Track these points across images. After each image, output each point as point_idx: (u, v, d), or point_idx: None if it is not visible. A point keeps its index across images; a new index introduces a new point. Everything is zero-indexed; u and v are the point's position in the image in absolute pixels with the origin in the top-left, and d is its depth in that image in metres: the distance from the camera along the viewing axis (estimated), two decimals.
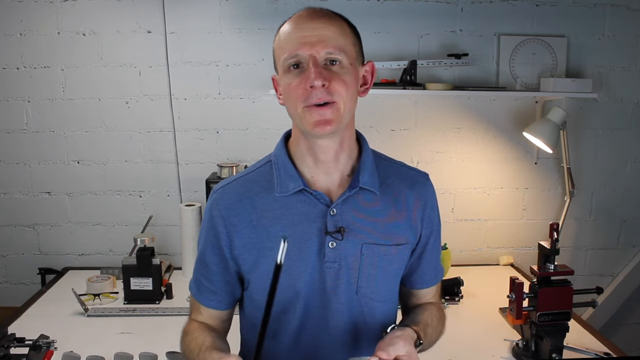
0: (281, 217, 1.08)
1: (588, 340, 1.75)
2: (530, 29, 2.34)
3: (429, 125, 2.38)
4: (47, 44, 2.25)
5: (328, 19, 1.03)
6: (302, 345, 1.11)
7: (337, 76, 1.00)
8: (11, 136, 2.31)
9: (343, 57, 1.01)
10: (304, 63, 1.01)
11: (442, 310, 1.26)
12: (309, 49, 1.00)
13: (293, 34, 1.02)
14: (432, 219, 1.19)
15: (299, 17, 1.04)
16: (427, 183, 1.19)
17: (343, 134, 1.08)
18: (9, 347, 1.40)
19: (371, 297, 1.11)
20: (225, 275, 1.13)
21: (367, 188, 1.09)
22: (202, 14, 2.26)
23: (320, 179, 1.10)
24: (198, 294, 1.16)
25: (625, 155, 2.48)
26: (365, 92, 1.11)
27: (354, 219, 1.08)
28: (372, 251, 1.09)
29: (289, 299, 1.08)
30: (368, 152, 1.14)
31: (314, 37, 1.00)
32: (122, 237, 2.36)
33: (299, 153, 1.10)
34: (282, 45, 1.04)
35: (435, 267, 1.23)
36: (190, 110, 2.32)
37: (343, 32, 1.03)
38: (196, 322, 1.16)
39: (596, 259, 2.54)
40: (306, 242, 1.07)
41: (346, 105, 1.02)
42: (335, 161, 1.09)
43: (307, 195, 1.08)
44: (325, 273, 1.08)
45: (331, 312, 1.10)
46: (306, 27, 1.01)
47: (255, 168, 1.15)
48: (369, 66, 1.11)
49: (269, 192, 1.09)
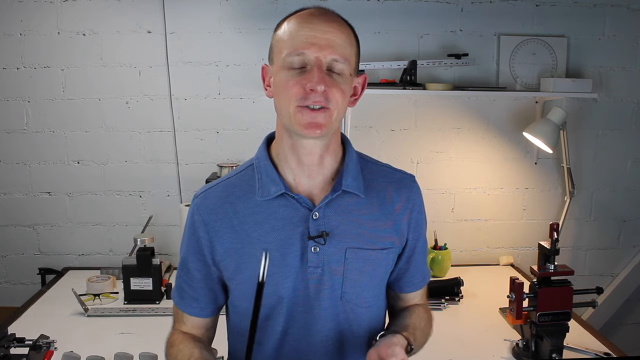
0: (263, 222, 1.06)
1: (588, 340, 1.75)
2: (530, 29, 2.34)
3: (429, 125, 2.38)
4: (47, 44, 2.25)
5: (339, 25, 1.01)
6: (286, 351, 1.09)
7: (337, 84, 0.99)
8: (11, 136, 2.31)
9: (345, 67, 1.00)
10: (307, 63, 0.99)
11: (429, 311, 1.23)
12: (316, 50, 0.98)
13: (301, 32, 0.99)
14: (419, 222, 1.16)
15: (310, 15, 1.01)
16: (414, 185, 1.16)
17: (330, 139, 1.06)
18: (9, 347, 1.40)
19: (356, 302, 1.09)
20: (207, 282, 1.11)
21: (351, 191, 1.07)
22: (202, 14, 2.26)
23: (303, 182, 1.08)
24: (180, 301, 1.14)
25: (625, 155, 2.48)
26: (354, 103, 1.09)
27: (338, 223, 1.06)
28: (357, 256, 1.07)
29: (272, 305, 1.07)
30: (352, 154, 1.12)
31: (323, 40, 0.98)
32: (122, 237, 2.36)
33: (281, 155, 1.08)
34: (286, 39, 1.01)
35: (423, 270, 1.20)
36: (190, 110, 2.32)
37: (350, 41, 1.02)
38: (181, 333, 1.13)
39: (596, 259, 2.54)
40: (289, 247, 1.05)
41: (339, 113, 1.01)
42: (320, 165, 1.07)
43: (289, 199, 1.06)
44: (308, 278, 1.06)
45: (315, 318, 1.08)
46: (317, 28, 0.99)
47: (237, 172, 1.13)
48: (362, 78, 1.09)
49: (251, 197, 1.07)
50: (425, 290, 1.25)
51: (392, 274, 1.17)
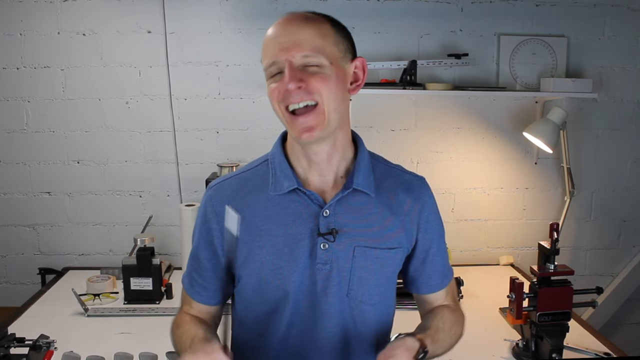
0: (273, 216, 1.08)
1: (588, 340, 1.75)
2: (530, 29, 2.34)
3: (429, 125, 2.38)
4: (47, 44, 2.25)
5: (304, 22, 1.02)
6: (291, 346, 1.11)
7: (315, 74, 1.00)
8: (11, 136, 2.31)
9: (321, 59, 1.00)
10: (282, 68, 1.01)
11: (458, 311, 1.23)
12: (284, 53, 1.00)
13: (272, 40, 1.02)
14: (431, 223, 1.17)
15: (277, 24, 1.04)
16: (424, 187, 1.18)
17: (335, 136, 1.07)
18: (9, 347, 1.41)
19: (362, 300, 1.10)
20: (217, 272, 1.14)
21: (361, 190, 1.09)
22: (202, 14, 2.26)
23: (315, 180, 1.10)
24: (190, 288, 1.17)
25: (625, 155, 2.48)
26: (356, 90, 1.09)
27: (347, 221, 1.08)
28: (365, 254, 1.08)
29: (278, 299, 1.08)
30: (364, 153, 1.13)
31: (289, 42, 1.00)
32: (122, 237, 2.36)
33: (294, 153, 1.10)
34: (263, 52, 1.05)
35: (441, 272, 1.21)
36: (190, 110, 2.32)
37: (320, 32, 1.02)
38: (187, 315, 1.16)
39: (596, 259, 2.54)
40: (298, 243, 1.07)
41: (330, 104, 1.01)
42: (328, 162, 1.09)
43: (300, 195, 1.08)
44: (316, 274, 1.07)
45: (321, 314, 1.09)
46: (282, 33, 1.02)
47: (251, 167, 1.15)
48: (359, 61, 1.08)
49: (263, 191, 1.10)
50: (452, 290, 1.25)
51: (407, 275, 1.19)
